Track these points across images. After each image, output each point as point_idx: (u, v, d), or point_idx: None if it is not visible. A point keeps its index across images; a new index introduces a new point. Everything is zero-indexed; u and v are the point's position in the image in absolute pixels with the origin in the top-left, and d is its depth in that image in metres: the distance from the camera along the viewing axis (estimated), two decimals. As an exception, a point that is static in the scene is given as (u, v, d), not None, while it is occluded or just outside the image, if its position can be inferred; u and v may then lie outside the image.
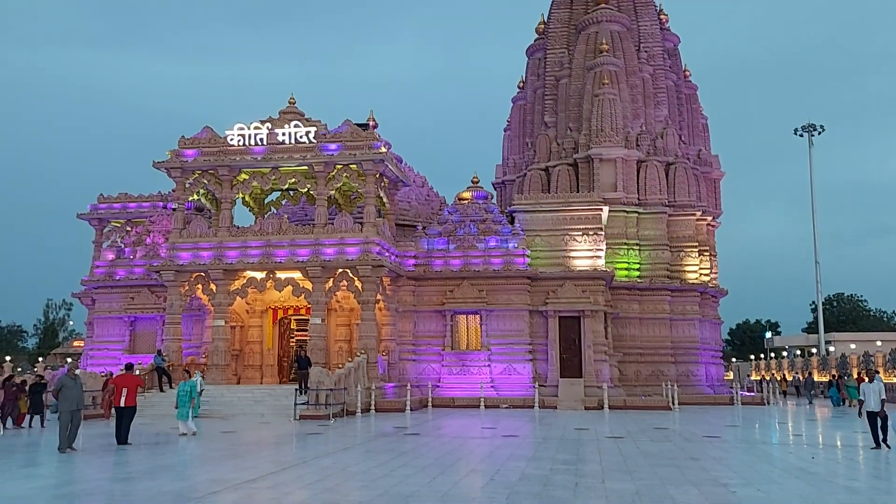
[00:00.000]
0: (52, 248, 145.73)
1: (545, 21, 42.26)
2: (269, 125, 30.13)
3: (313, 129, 29.84)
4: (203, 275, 29.67)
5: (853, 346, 53.92)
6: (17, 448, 16.23)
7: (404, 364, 31.85)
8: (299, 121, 30.23)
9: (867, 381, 15.88)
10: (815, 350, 61.46)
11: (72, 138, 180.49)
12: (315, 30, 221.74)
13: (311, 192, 30.43)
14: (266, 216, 32.40)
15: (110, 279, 33.85)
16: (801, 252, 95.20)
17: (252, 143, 29.91)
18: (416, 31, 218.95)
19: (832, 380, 35.55)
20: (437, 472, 11.82)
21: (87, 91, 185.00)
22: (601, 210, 33.10)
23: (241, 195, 31.64)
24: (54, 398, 15.69)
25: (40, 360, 56.59)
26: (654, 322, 35.37)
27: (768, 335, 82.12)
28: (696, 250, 37.10)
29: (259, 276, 29.59)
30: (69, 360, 48.89)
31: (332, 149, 29.45)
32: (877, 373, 17.36)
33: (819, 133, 58.17)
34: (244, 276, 29.74)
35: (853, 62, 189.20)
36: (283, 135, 29.81)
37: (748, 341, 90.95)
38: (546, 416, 24.75)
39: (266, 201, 34.95)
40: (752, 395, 36.51)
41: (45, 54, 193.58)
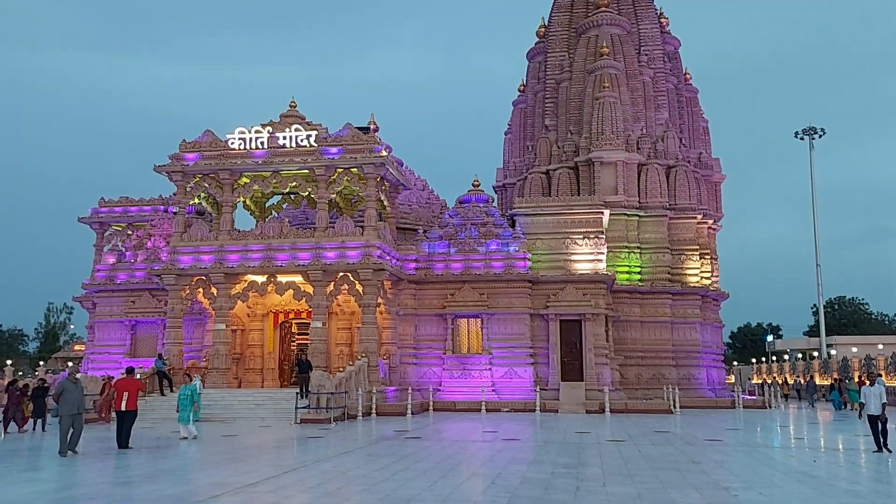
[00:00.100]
0: (52, 251, 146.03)
1: (546, 24, 42.31)
2: (270, 129, 30.17)
3: (314, 133, 29.88)
4: (204, 278, 29.69)
5: (855, 349, 53.89)
6: (18, 452, 16.23)
7: (405, 368, 31.86)
8: (300, 124, 30.28)
9: (868, 384, 15.91)
10: (816, 353, 61.34)
11: (72, 140, 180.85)
12: (316, 32, 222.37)
13: (312, 196, 30.45)
14: (267, 220, 32.41)
15: (111, 283, 33.90)
16: (802, 255, 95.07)
17: (253, 146, 29.97)
18: (417, 33, 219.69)
19: (834, 383, 35.46)
20: (439, 476, 11.81)
21: (88, 93, 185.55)
22: (602, 213, 33.12)
23: (241, 199, 31.70)
24: (55, 402, 15.70)
25: (41, 363, 56.53)
26: (656, 325, 35.35)
27: (770, 338, 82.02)
28: (697, 253, 37.08)
29: (260, 279, 29.60)
30: (70, 363, 48.94)
31: (333, 152, 29.49)
32: (878, 376, 17.39)
33: (819, 136, 58.14)
34: (245, 280, 29.76)
35: (854, 64, 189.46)
36: (284, 138, 29.86)
37: (749, 345, 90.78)
38: (547, 420, 24.74)
39: (267, 205, 35.01)
40: (754, 398, 36.45)
41: (45, 56, 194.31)
